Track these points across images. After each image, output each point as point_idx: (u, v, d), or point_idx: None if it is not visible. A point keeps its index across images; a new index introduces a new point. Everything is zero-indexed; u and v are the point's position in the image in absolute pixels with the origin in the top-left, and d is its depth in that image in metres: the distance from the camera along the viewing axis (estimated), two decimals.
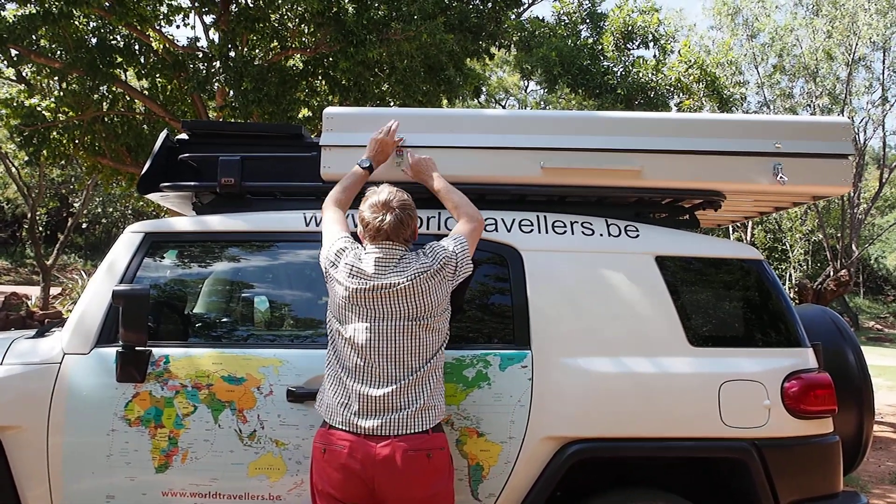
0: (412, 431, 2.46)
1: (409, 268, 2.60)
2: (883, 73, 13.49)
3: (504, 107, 26.81)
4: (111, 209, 30.24)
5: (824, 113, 12.92)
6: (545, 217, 3.17)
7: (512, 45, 11.74)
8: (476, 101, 17.79)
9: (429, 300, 2.59)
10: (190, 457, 2.83)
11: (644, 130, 3.21)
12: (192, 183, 3.28)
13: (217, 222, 3.15)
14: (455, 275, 2.67)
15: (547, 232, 3.12)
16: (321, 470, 2.52)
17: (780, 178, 3.19)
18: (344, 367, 2.56)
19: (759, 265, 3.17)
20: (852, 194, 12.79)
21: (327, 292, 2.92)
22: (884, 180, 13.31)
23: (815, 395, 2.95)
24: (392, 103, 10.90)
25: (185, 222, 3.16)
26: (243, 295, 3.20)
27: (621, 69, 11.03)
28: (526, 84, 27.88)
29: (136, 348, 2.83)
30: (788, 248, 17.38)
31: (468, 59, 11.31)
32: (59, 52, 9.89)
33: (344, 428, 2.49)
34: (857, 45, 12.74)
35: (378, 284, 2.56)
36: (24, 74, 10.66)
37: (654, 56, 11.37)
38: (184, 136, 3.48)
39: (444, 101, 11.56)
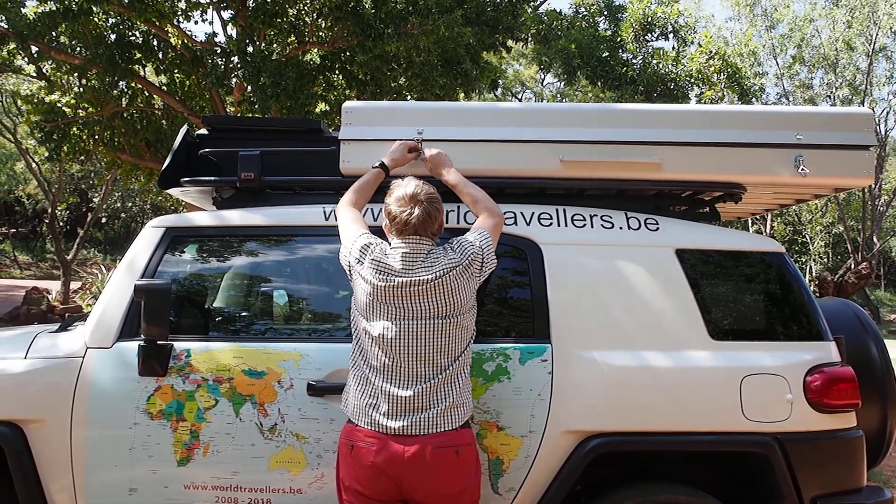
0: (440, 430, 2.44)
1: (438, 263, 2.56)
2: None
3: (520, 100, 26.72)
4: (130, 204, 30.49)
5: (844, 104, 12.76)
6: (564, 210, 3.16)
7: (529, 38, 11.69)
8: (493, 94, 17.73)
9: (458, 297, 2.55)
10: (211, 450, 2.85)
11: (664, 122, 3.18)
12: (212, 178, 3.30)
13: (237, 217, 3.17)
14: (481, 271, 2.64)
15: (566, 225, 3.11)
16: (348, 466, 2.50)
17: (802, 169, 3.15)
18: (371, 366, 2.54)
19: (780, 258, 3.14)
20: (874, 186, 12.63)
21: (346, 286, 2.92)
22: None
23: (837, 389, 2.92)
24: (409, 97, 10.91)
25: (206, 217, 3.18)
26: (263, 289, 3.22)
27: (640, 61, 10.95)
28: (542, 77, 27.77)
29: (158, 342, 2.85)
30: (808, 240, 17.20)
31: (485, 53, 11.28)
32: (78, 49, 9.98)
33: (371, 428, 2.47)
34: (877, 34, 12.56)
35: (406, 281, 2.52)
36: (44, 71, 10.77)
37: (674, 47, 11.27)
38: (203, 131, 3.49)
39: (461, 95, 11.54)
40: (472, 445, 2.51)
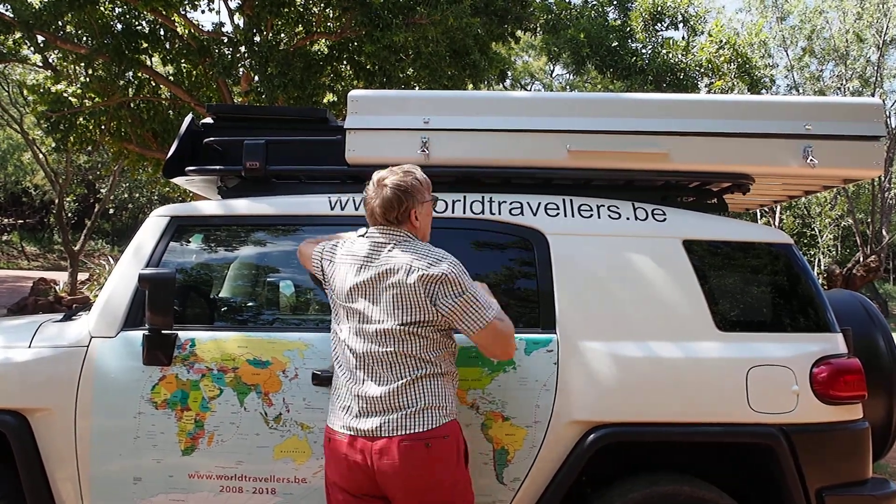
0: (409, 432, 2.34)
1: (393, 260, 2.45)
2: None
3: (529, 91, 26.63)
4: (137, 195, 30.61)
5: (855, 96, 12.68)
6: (571, 201, 3.14)
7: (538, 28, 11.63)
8: (501, 85, 17.67)
9: (407, 305, 2.40)
10: (216, 440, 2.85)
11: (672, 112, 3.16)
12: (218, 167, 3.29)
13: (242, 206, 3.16)
14: (428, 301, 2.40)
15: (573, 216, 3.09)
16: (328, 460, 2.50)
17: (811, 160, 3.13)
18: (343, 368, 2.50)
19: (788, 249, 3.12)
20: (883, 178, 12.55)
21: None
22: None
23: (844, 381, 2.90)
24: (417, 87, 10.88)
25: (211, 206, 3.17)
26: (268, 279, 3.21)
27: (650, 50, 10.89)
28: (552, 68, 27.67)
29: (163, 331, 2.85)
30: (818, 233, 17.12)
31: (493, 44, 11.23)
32: (84, 38, 9.97)
33: (344, 431, 2.43)
34: (888, 26, 12.45)
35: (362, 280, 2.45)
36: (50, 61, 10.78)
37: (684, 37, 11.21)
38: (209, 120, 3.48)
39: (470, 86, 11.50)
40: (448, 437, 2.38)
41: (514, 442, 2.81)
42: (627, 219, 3.10)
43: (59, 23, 9.38)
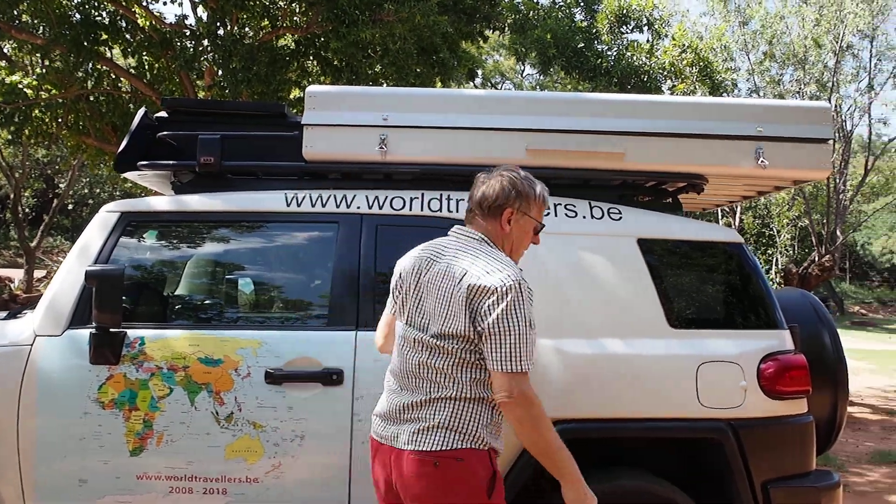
0: (417, 448, 2.13)
1: (454, 263, 2.17)
2: (870, 61, 13.51)
3: (500, 90, 26.71)
4: (98, 190, 29.99)
5: (813, 100, 12.93)
6: None
7: (506, 28, 11.65)
8: (471, 83, 17.69)
9: (440, 308, 2.15)
10: (165, 440, 2.80)
11: (628, 113, 3.19)
12: (171, 162, 3.23)
13: (195, 202, 3.11)
14: (467, 308, 2.10)
15: None
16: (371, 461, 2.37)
17: (762, 161, 3.18)
18: (389, 368, 2.35)
19: (739, 248, 3.17)
20: (838, 181, 12.83)
21: (305, 273, 2.92)
22: (869, 167, 13.34)
23: (790, 377, 2.96)
24: (385, 85, 10.82)
25: (163, 202, 3.12)
26: (221, 276, 3.17)
27: (615, 52, 10.97)
28: (522, 68, 27.77)
29: (111, 330, 2.79)
30: (776, 233, 17.47)
31: (463, 42, 11.22)
32: (41, 28, 9.74)
33: (376, 433, 2.30)
34: (843, 33, 12.72)
35: (418, 280, 2.24)
36: (5, 51, 10.51)
37: (648, 40, 11.32)
38: (163, 113, 3.43)
39: (439, 84, 11.47)
40: (462, 461, 2.10)
41: None
42: (584, 217, 3.11)
43: (15, 11, 9.15)
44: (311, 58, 10.49)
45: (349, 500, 2.82)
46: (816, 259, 11.30)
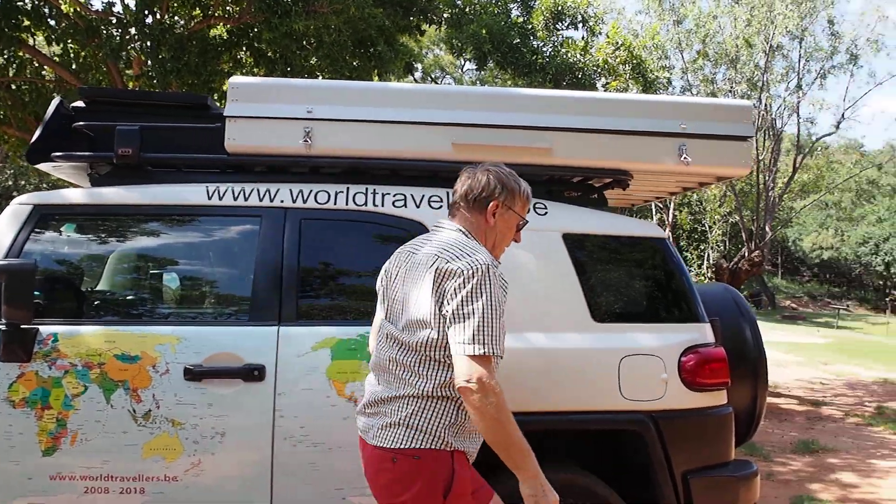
0: (379, 444, 2.13)
1: (423, 252, 2.17)
2: (799, 61, 13.96)
3: (440, 85, 26.69)
4: (24, 182, 28.90)
5: (744, 99, 13.30)
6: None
7: (442, 22, 11.64)
8: (411, 77, 17.64)
9: (411, 297, 2.14)
10: (80, 438, 2.72)
11: (554, 108, 3.22)
12: (86, 153, 3.13)
13: (112, 195, 3.02)
14: (436, 293, 2.08)
15: None
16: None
17: (685, 158, 3.25)
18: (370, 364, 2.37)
19: (662, 243, 3.23)
20: (767, 178, 13.23)
21: (227, 267, 2.87)
22: (797, 165, 13.79)
23: (710, 369, 3.03)
24: (321, 77, 10.70)
25: (78, 194, 3.02)
26: (139, 271, 3.08)
27: (550, 49, 11.08)
28: (463, 63, 27.82)
29: (21, 326, 2.69)
30: (708, 229, 17.93)
31: (400, 35, 11.17)
32: None
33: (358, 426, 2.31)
34: (773, 33, 13.11)
35: (393, 275, 2.29)
36: None
37: (583, 37, 11.45)
38: (80, 103, 3.31)
39: (376, 77, 11.40)
40: (419, 459, 2.08)
41: None
42: None
43: None
44: (245, 49, 10.30)
45: (271, 497, 2.78)
46: (746, 254, 11.65)
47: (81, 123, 3.18)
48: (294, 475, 2.78)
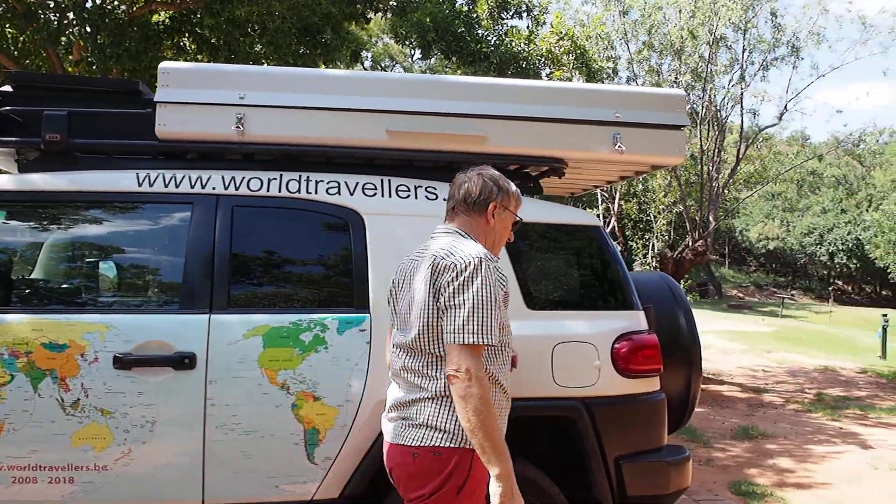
0: (400, 442, 2.20)
1: (422, 257, 2.26)
2: (742, 53, 14.20)
3: (390, 73, 26.50)
4: None
5: (688, 90, 13.53)
6: (389, 181, 3.15)
7: (388, 10, 11.56)
8: (360, 65, 17.49)
9: (417, 307, 2.18)
10: (7, 429, 2.67)
11: (489, 96, 3.23)
12: (12, 139, 3.05)
13: (40, 181, 2.95)
14: (433, 288, 2.16)
15: (390, 196, 3.10)
16: None
17: (619, 146, 3.30)
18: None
19: (597, 231, 3.28)
20: (711, 168, 13.49)
21: (155, 255, 2.84)
22: (740, 155, 14.07)
23: (642, 355, 3.10)
24: (265, 64, 10.55)
25: (3, 180, 2.94)
26: (68, 258, 3.02)
27: (495, 38, 11.08)
28: (412, 52, 27.68)
29: None
30: (653, 218, 18.23)
31: (347, 23, 11.06)
32: None
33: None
34: (717, 25, 13.34)
35: (397, 282, 2.38)
36: None
37: (528, 27, 11.48)
38: (7, 88, 3.23)
39: (322, 65, 11.28)
40: (439, 455, 2.11)
41: (325, 422, 2.81)
42: (444, 199, 3.14)
43: None
44: (187, 35, 10.11)
45: (203, 485, 2.76)
46: (690, 244, 11.86)
47: (8, 108, 3.10)
48: (226, 464, 2.76)
